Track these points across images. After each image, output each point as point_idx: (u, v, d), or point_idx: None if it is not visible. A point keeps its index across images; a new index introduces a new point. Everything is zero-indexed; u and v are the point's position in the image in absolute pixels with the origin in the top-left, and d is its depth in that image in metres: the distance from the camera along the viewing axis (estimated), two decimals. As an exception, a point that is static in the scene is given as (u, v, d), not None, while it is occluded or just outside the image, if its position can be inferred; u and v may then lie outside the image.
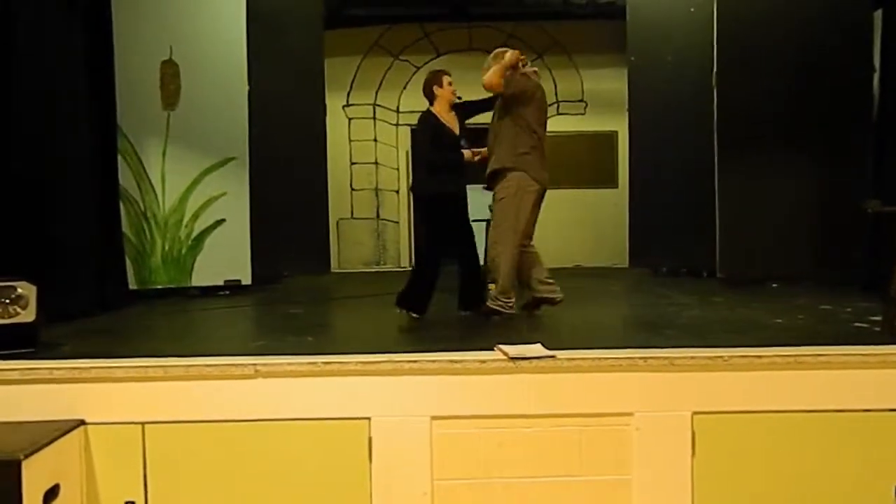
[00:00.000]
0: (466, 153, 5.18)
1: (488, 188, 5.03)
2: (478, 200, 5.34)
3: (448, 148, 5.04)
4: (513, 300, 4.95)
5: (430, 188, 5.05)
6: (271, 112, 7.39)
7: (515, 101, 4.88)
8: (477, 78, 5.08)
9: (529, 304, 5.05)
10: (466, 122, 5.20)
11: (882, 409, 3.39)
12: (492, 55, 5.01)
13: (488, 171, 4.98)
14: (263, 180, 7.07)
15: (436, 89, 5.07)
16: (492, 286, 4.99)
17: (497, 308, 4.89)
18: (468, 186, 5.17)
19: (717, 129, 6.85)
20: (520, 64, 4.96)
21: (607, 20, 9.51)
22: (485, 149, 5.10)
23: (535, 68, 5.23)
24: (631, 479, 3.41)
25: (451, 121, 5.09)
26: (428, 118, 5.08)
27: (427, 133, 5.07)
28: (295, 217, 7.96)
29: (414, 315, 4.96)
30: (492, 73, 4.85)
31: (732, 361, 3.42)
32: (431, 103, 5.10)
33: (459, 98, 5.14)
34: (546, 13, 9.90)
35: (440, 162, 5.00)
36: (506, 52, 4.97)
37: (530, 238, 5.01)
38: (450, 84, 5.08)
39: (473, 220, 5.20)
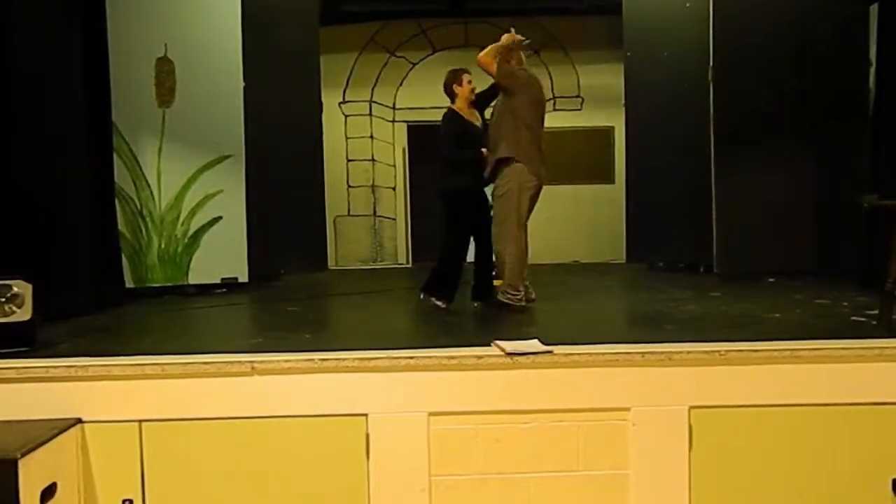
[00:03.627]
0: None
1: (490, 181, 5.14)
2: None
3: (470, 145, 5.18)
4: (521, 294, 5.02)
5: (454, 185, 5.19)
6: (267, 109, 7.36)
7: (508, 90, 5.01)
8: (474, 73, 5.14)
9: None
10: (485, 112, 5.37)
11: (879, 402, 3.39)
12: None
13: (490, 165, 5.08)
14: (260, 177, 7.05)
15: (455, 87, 5.27)
16: (497, 281, 5.07)
17: (507, 301, 4.98)
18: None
19: (713, 124, 6.84)
20: (520, 50, 5.08)
21: (603, 15, 9.51)
22: None
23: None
24: (628, 474, 3.41)
25: (471, 116, 5.29)
26: (451, 118, 5.26)
27: (450, 132, 5.24)
28: (292, 214, 7.95)
29: (440, 304, 5.15)
30: (485, 52, 5.02)
31: (729, 356, 3.42)
32: (453, 101, 5.31)
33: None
34: (542, 9, 9.90)
35: (462, 159, 5.17)
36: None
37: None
38: (469, 82, 5.27)
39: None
